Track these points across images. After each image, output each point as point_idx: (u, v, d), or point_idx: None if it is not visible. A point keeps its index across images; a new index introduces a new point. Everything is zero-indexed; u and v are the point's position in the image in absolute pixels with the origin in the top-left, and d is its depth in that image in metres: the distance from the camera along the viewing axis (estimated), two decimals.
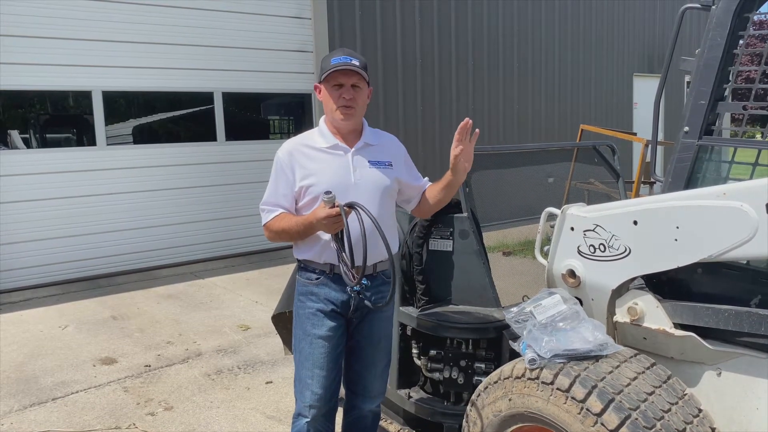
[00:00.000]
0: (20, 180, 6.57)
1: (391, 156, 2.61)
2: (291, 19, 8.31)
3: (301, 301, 2.54)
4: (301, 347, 2.52)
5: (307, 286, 2.52)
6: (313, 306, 2.49)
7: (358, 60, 2.45)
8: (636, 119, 13.25)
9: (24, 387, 4.26)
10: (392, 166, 2.58)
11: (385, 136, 2.70)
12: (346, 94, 2.44)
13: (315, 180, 2.43)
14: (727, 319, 2.03)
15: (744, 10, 2.08)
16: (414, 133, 9.52)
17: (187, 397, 4.05)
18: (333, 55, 2.46)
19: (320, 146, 2.50)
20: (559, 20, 11.55)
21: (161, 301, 6.25)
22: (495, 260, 3.38)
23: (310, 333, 2.49)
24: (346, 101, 2.44)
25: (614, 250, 2.25)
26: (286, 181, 2.46)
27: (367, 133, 2.60)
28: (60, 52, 6.67)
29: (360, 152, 2.53)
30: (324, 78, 2.44)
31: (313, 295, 2.50)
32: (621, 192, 3.57)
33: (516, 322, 2.20)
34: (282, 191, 2.47)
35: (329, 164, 2.46)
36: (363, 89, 2.51)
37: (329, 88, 2.45)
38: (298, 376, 2.54)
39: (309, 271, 2.53)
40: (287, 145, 2.53)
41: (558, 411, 1.97)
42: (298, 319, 2.56)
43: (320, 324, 2.48)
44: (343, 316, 2.52)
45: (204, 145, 7.85)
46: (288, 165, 2.46)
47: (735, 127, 2.58)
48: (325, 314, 2.48)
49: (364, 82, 2.49)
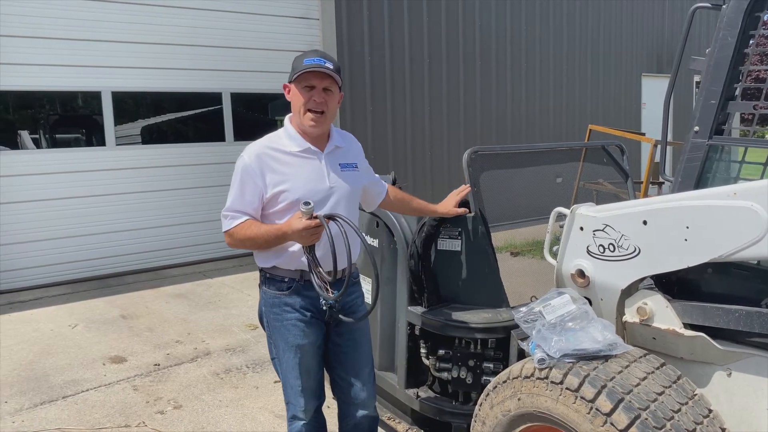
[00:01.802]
0: (30, 180, 6.63)
1: (355, 158, 2.57)
2: (299, 20, 8.33)
3: (276, 313, 2.46)
4: (286, 357, 2.48)
5: (279, 297, 2.44)
6: (291, 317, 2.43)
7: (332, 63, 2.35)
8: (644, 119, 13.19)
9: (35, 385, 4.29)
10: (358, 168, 2.56)
11: (347, 137, 2.62)
12: (317, 96, 2.34)
13: (289, 186, 2.34)
14: (737, 320, 2.02)
15: (755, 9, 2.08)
16: (421, 134, 9.53)
17: (196, 395, 4.07)
18: (305, 56, 2.36)
19: (291, 150, 2.39)
20: (567, 20, 11.52)
21: (170, 300, 6.28)
22: (503, 260, 3.37)
23: (293, 344, 2.44)
24: (317, 104, 2.34)
25: (624, 250, 2.24)
26: (254, 187, 2.34)
27: (335, 135, 2.52)
28: (70, 53, 6.72)
29: (331, 156, 2.47)
30: (295, 78, 2.34)
31: (287, 305, 2.43)
32: (630, 192, 3.56)
33: (525, 322, 2.20)
34: (248, 198, 2.35)
35: (303, 169, 2.38)
36: (334, 94, 2.40)
37: (300, 89, 2.35)
38: (288, 384, 2.51)
39: (277, 281, 2.44)
40: (254, 148, 2.39)
41: (567, 410, 1.97)
42: (277, 331, 2.47)
43: (301, 334, 2.44)
44: (321, 320, 2.49)
45: (212, 145, 7.88)
46: (257, 170, 2.34)
47: (745, 127, 2.58)
48: (306, 323, 2.44)
49: (337, 86, 2.40)
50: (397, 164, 9.03)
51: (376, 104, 8.97)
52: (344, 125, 8.23)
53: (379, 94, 8.99)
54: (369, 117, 8.90)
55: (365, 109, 8.85)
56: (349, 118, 8.54)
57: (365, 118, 8.84)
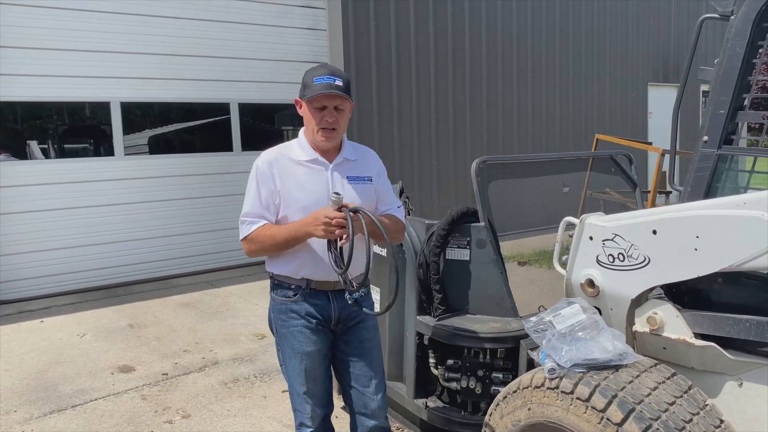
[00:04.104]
0: (39, 189, 6.67)
1: (370, 171, 2.59)
2: (306, 31, 8.39)
3: (282, 320, 2.52)
4: (292, 364, 2.52)
5: (285, 304, 2.50)
6: (297, 324, 2.48)
7: (342, 80, 2.40)
8: (651, 128, 13.18)
9: (44, 394, 4.30)
10: (371, 182, 2.57)
11: (364, 151, 2.66)
12: (328, 116, 2.40)
13: (293, 194, 2.41)
14: (748, 329, 2.02)
15: (763, 20, 2.08)
16: (428, 142, 9.55)
17: (205, 405, 4.08)
18: (316, 73, 2.40)
19: (299, 159, 2.47)
20: (573, 30, 11.55)
21: (178, 309, 6.30)
22: (511, 270, 3.38)
23: (299, 350, 2.48)
24: (329, 124, 2.40)
25: (633, 259, 2.24)
26: (269, 191, 2.42)
27: (347, 148, 2.56)
28: (79, 64, 6.78)
29: (339, 167, 2.51)
30: (307, 99, 2.40)
31: (293, 312, 2.48)
32: (638, 201, 3.56)
33: (535, 332, 2.20)
34: (265, 202, 2.43)
35: (308, 178, 2.45)
36: (345, 110, 2.46)
37: (311, 109, 2.41)
38: (295, 391, 2.54)
39: (285, 288, 2.50)
40: (267, 155, 2.48)
41: (578, 420, 1.96)
42: (284, 338, 2.53)
43: (307, 341, 2.48)
44: (327, 328, 2.53)
45: (220, 155, 7.92)
46: (270, 175, 2.42)
47: (753, 137, 2.58)
48: (311, 330, 2.48)
49: (347, 102, 2.44)
50: (404, 174, 9.04)
51: (382, 114, 9.00)
52: (351, 135, 8.26)
53: (385, 104, 9.02)
54: (376, 127, 8.93)
55: (372, 119, 8.88)
56: (356, 128, 8.56)
57: (372, 128, 8.87)
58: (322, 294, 2.50)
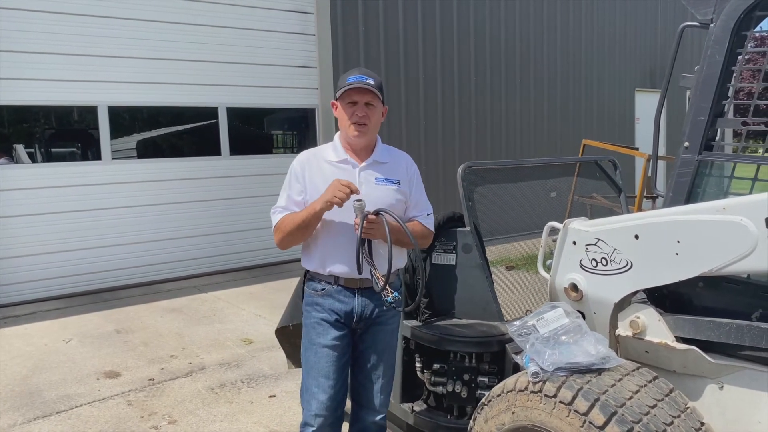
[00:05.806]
0: (25, 194, 6.63)
1: (399, 175, 2.62)
2: (295, 35, 8.40)
3: (307, 311, 2.61)
4: (307, 356, 2.58)
5: (312, 297, 2.59)
6: (317, 316, 2.56)
7: (374, 79, 2.52)
8: (638, 134, 13.30)
9: (28, 400, 4.27)
10: (400, 185, 2.60)
11: (397, 155, 2.72)
12: (359, 111, 2.50)
13: (319, 190, 2.47)
14: (728, 333, 2.04)
15: (742, 28, 2.12)
16: (417, 149, 9.57)
17: (191, 410, 4.06)
18: (349, 74, 2.53)
19: (330, 159, 2.57)
20: (560, 36, 11.65)
21: (165, 314, 6.27)
22: (497, 274, 3.39)
23: (315, 342, 2.55)
24: (359, 118, 2.49)
25: (616, 264, 2.27)
26: (298, 187, 2.54)
27: (379, 150, 2.63)
28: (66, 68, 6.76)
29: (368, 168, 2.57)
30: (339, 96, 2.51)
31: (317, 305, 2.57)
32: (623, 206, 3.59)
33: (519, 336, 2.21)
34: (294, 198, 2.54)
35: (335, 176, 2.49)
36: (377, 107, 2.55)
37: (344, 105, 2.52)
38: (305, 386, 2.59)
39: (315, 282, 2.59)
40: (302, 155, 2.61)
41: (561, 424, 1.98)
42: (305, 329, 2.62)
43: (324, 333, 2.54)
44: (347, 327, 2.57)
45: (208, 160, 7.91)
46: (300, 174, 2.54)
47: (736, 142, 2.61)
48: (329, 324, 2.54)
49: (378, 100, 2.54)
50: None
51: None
52: None
53: None
54: None
55: None
56: None
57: None
58: (349, 291, 2.54)
